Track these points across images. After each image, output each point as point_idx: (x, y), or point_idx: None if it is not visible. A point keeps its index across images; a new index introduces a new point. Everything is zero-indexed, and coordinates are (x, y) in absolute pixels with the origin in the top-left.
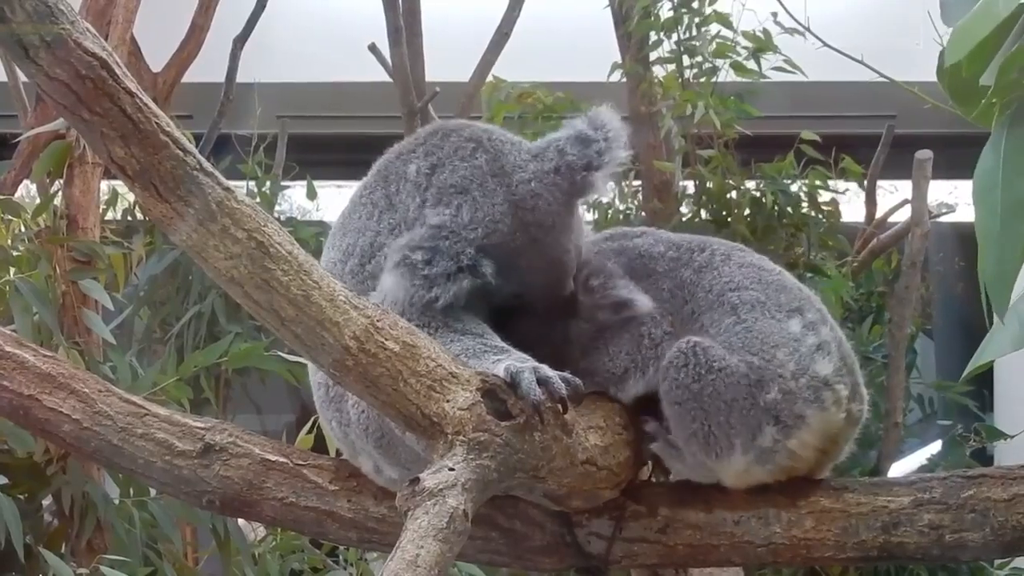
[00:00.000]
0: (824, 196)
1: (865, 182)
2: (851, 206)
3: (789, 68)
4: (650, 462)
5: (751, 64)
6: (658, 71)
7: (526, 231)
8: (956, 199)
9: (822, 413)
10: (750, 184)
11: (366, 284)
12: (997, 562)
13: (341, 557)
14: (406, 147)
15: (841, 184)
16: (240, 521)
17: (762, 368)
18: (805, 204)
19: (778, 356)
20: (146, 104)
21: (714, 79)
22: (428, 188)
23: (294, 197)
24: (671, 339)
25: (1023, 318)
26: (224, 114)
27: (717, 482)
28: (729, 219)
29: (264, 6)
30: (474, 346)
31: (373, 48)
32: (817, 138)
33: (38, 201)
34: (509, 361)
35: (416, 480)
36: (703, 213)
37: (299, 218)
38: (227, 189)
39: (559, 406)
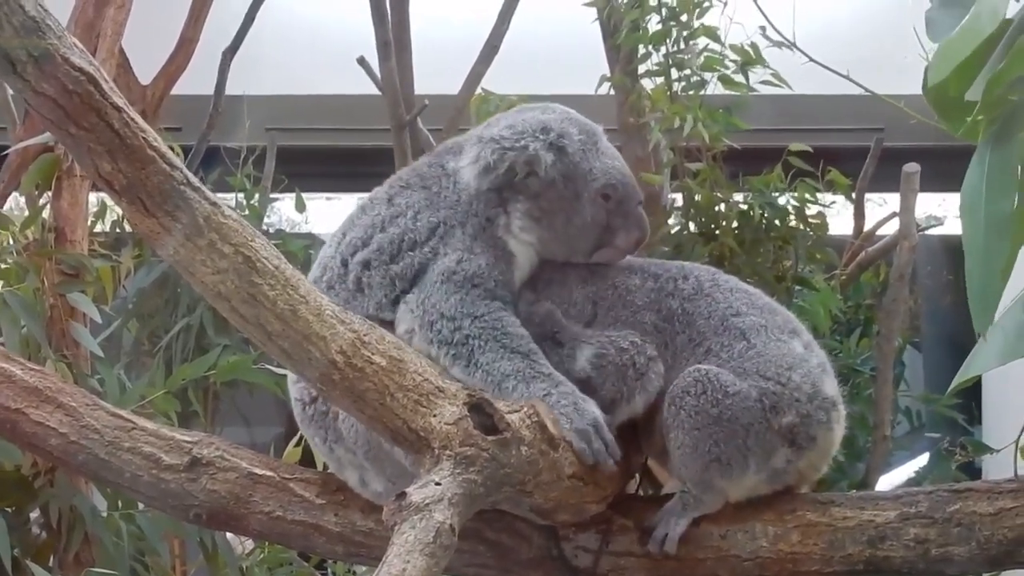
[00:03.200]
0: (812, 209)
1: (853, 195)
2: (839, 219)
3: (776, 82)
4: (638, 476)
5: (739, 77)
6: (647, 84)
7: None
8: (944, 212)
9: (828, 433)
10: (738, 197)
11: (387, 279)
12: None
13: (330, 570)
14: (430, 157)
15: (829, 197)
16: (228, 534)
17: (778, 393)
18: (793, 217)
19: (794, 379)
20: (133, 119)
21: (702, 92)
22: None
23: (283, 210)
24: (655, 364)
25: (1008, 332)
26: (213, 126)
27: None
28: (717, 232)
29: (253, 19)
30: (524, 369)
31: (362, 61)
32: (807, 148)
33: (26, 214)
34: (563, 404)
35: (403, 494)
36: (691, 226)
37: (288, 231)
38: (214, 204)
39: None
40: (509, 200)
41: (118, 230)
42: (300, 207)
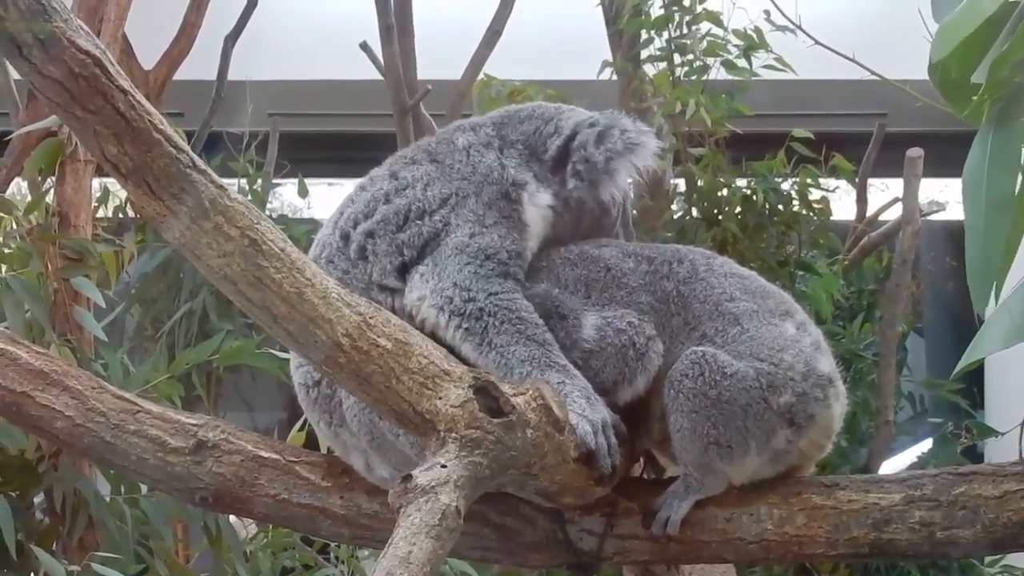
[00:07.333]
0: (815, 194)
1: (856, 180)
2: (842, 204)
3: (780, 66)
4: (642, 459)
5: (742, 62)
6: (649, 69)
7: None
8: (947, 197)
9: (827, 411)
10: (741, 182)
11: (393, 247)
12: (988, 559)
13: (332, 555)
14: (435, 137)
15: (832, 182)
16: (232, 518)
17: (772, 373)
18: (796, 202)
19: (786, 359)
20: (139, 102)
21: (705, 77)
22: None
23: (285, 195)
24: (654, 343)
25: (1014, 314)
26: (215, 112)
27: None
28: (720, 217)
29: (256, 4)
30: (540, 357)
31: (364, 46)
32: (810, 135)
33: (29, 199)
34: (577, 396)
35: (409, 477)
36: (694, 211)
37: (290, 216)
38: (220, 187)
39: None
40: (548, 178)
41: (121, 215)
42: (303, 192)
